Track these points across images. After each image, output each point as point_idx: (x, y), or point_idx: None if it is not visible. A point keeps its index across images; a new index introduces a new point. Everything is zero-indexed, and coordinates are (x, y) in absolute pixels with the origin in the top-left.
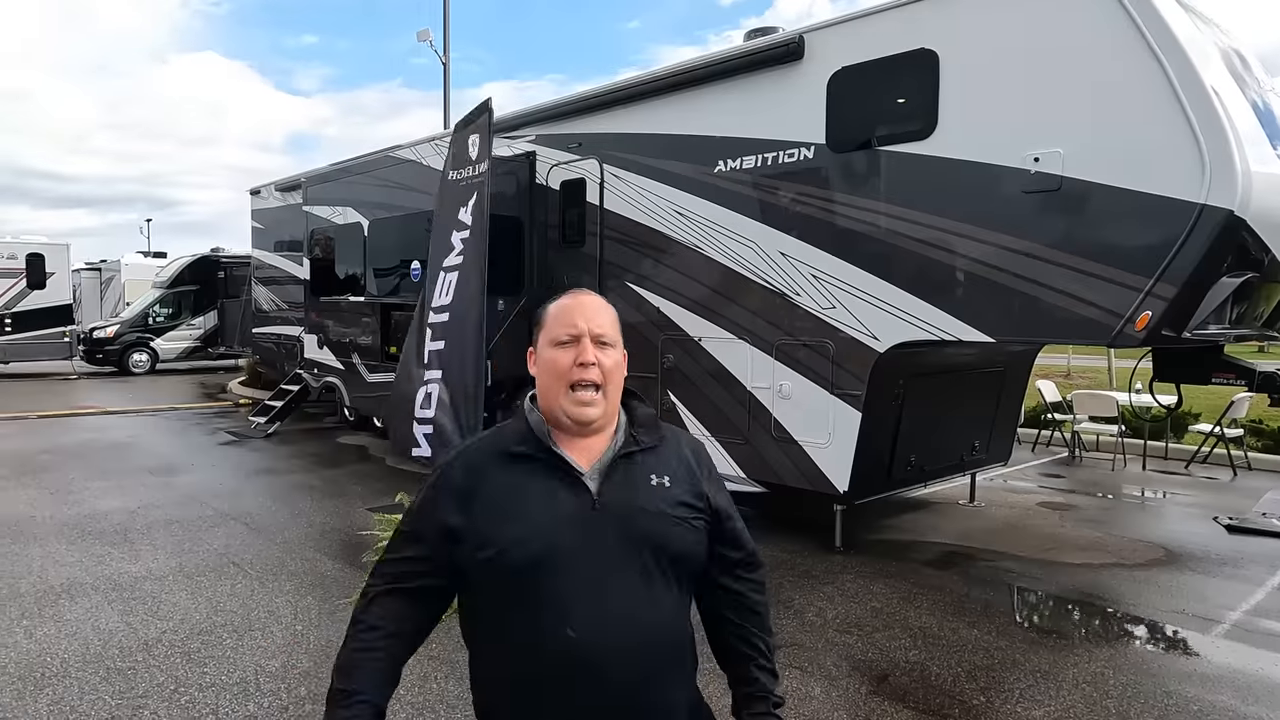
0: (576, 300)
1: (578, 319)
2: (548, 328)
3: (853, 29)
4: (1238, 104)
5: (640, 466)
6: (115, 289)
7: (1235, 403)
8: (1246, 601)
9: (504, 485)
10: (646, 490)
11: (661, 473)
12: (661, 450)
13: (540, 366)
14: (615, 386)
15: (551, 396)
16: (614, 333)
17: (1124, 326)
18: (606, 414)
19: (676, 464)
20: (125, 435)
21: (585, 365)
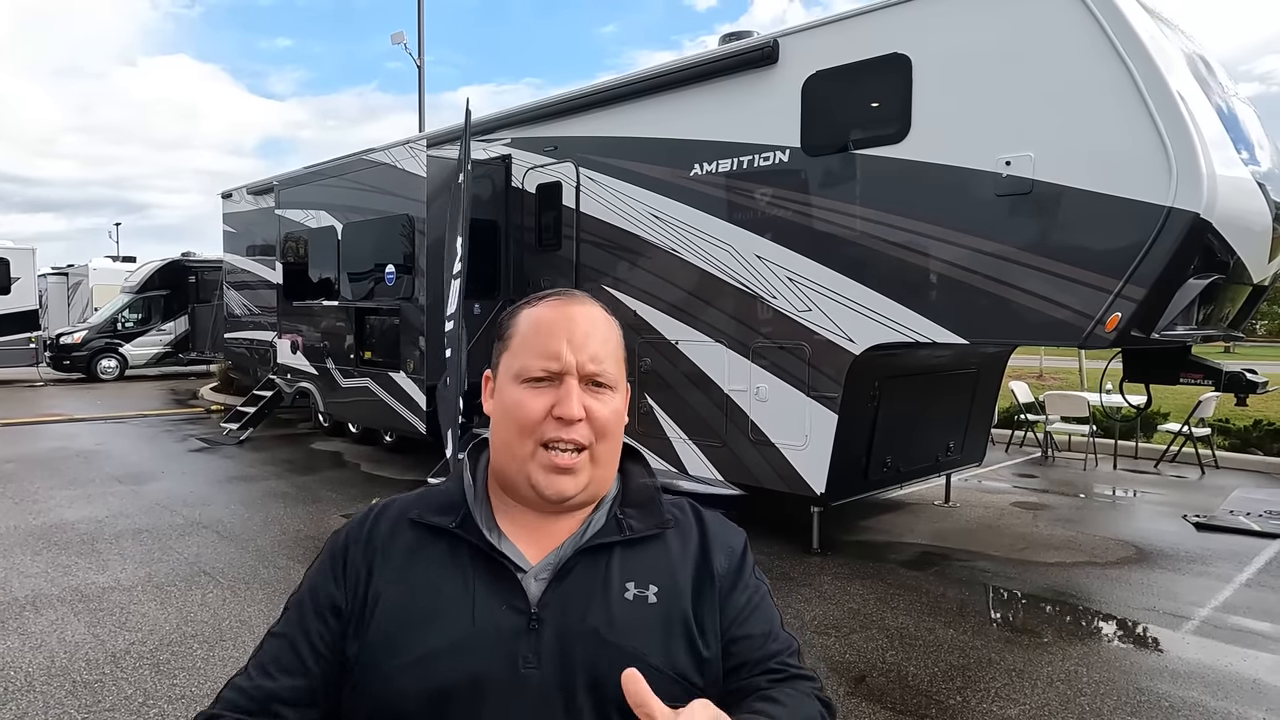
0: (563, 312)
1: (562, 345)
2: (515, 351)
3: (826, 34)
4: (1203, 109)
5: (614, 568)
6: (83, 294)
7: (1203, 402)
8: (1215, 598)
9: (408, 573)
10: (614, 606)
11: (646, 580)
12: (660, 545)
13: (498, 409)
14: (611, 446)
15: (510, 456)
16: (615, 365)
17: (1094, 328)
18: (592, 488)
19: (681, 565)
20: (93, 443)
21: (567, 421)
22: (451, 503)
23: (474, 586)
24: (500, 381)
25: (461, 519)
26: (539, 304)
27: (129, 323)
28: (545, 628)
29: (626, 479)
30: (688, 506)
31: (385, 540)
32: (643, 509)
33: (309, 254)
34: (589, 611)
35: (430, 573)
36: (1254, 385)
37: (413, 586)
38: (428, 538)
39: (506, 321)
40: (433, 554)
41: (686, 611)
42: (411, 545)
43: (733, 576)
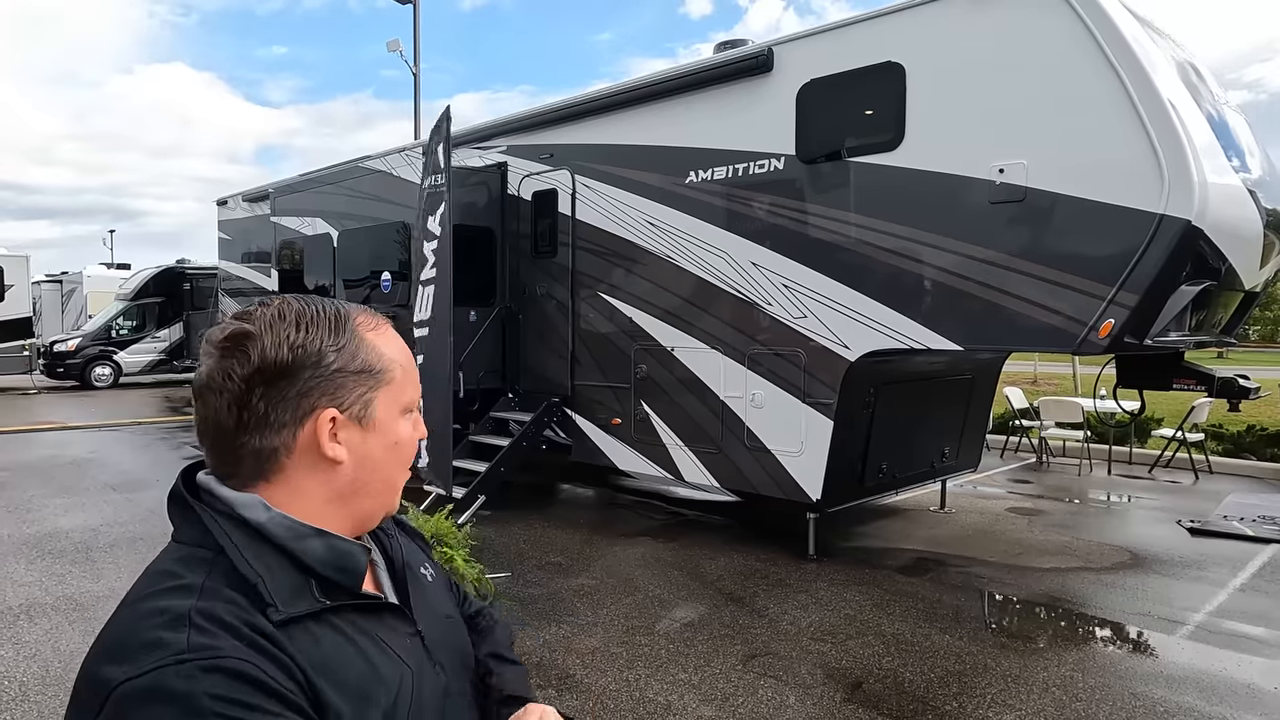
0: (399, 338)
1: (413, 369)
2: (400, 384)
3: (821, 42)
4: (1193, 116)
5: (409, 564)
6: (77, 301)
7: (1196, 408)
8: (1209, 603)
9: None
10: (432, 590)
11: (419, 563)
12: (400, 535)
13: (387, 448)
14: None
15: (391, 493)
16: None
17: (1088, 334)
18: None
19: (416, 548)
20: (87, 451)
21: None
22: (295, 583)
23: (381, 637)
24: (384, 419)
25: (319, 590)
26: (380, 326)
27: (123, 330)
28: (426, 634)
29: None
30: None
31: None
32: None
33: (305, 261)
34: (434, 602)
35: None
36: (1246, 391)
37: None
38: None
39: (367, 355)
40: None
41: (442, 574)
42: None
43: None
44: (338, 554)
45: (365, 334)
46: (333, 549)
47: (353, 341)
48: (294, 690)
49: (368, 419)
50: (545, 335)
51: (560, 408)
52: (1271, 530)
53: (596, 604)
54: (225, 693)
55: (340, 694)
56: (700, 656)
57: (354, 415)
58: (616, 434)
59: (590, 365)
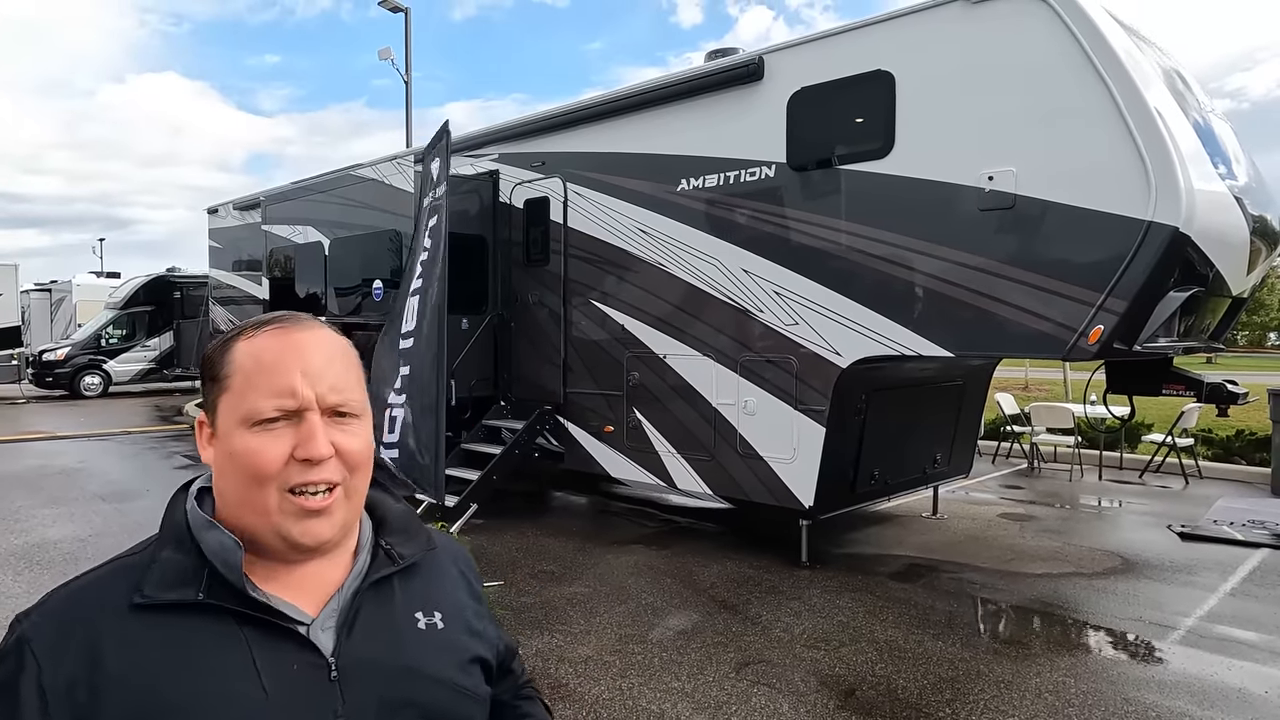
0: (290, 340)
1: (295, 378)
2: (238, 392)
3: (811, 50)
4: (1180, 124)
5: (399, 600)
6: (66, 310)
7: (1185, 413)
8: (1200, 607)
9: (150, 663)
10: (412, 637)
11: (429, 608)
12: (424, 570)
13: (224, 461)
14: (366, 479)
15: (249, 510)
16: (359, 389)
17: (1077, 340)
18: (348, 524)
19: (448, 588)
20: (76, 461)
21: (314, 462)
22: (185, 569)
23: (252, 654)
24: (223, 429)
25: (207, 584)
26: (257, 334)
27: (113, 339)
28: (349, 674)
29: (380, 506)
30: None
31: (96, 637)
32: (406, 534)
33: (296, 269)
34: (395, 648)
35: (192, 660)
36: (1234, 396)
37: (172, 689)
38: (163, 621)
39: (217, 359)
40: (181, 636)
41: (472, 628)
42: (141, 637)
43: (479, 587)
44: (221, 546)
45: (237, 340)
46: (219, 541)
47: (223, 347)
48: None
49: (216, 426)
50: (537, 343)
51: (553, 415)
52: (1261, 534)
53: (589, 612)
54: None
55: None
56: (693, 664)
57: (211, 422)
58: (609, 441)
59: (582, 373)
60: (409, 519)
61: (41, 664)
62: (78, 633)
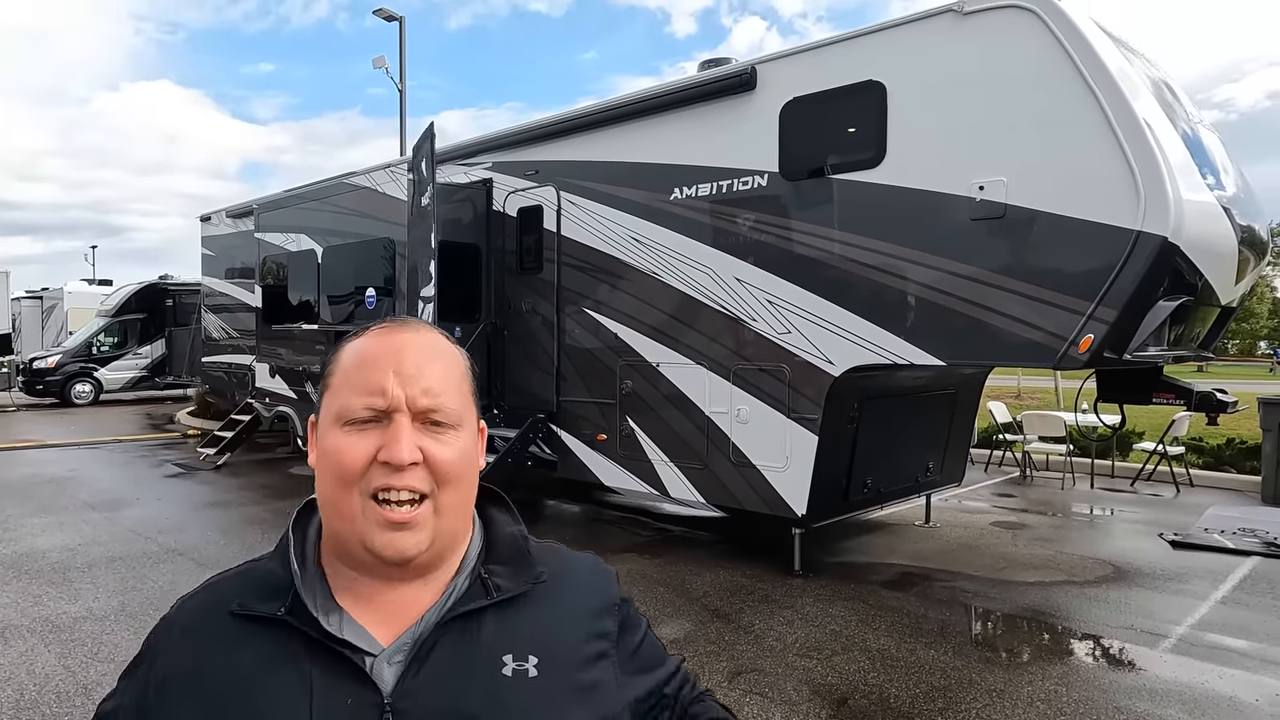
0: (389, 341)
1: (386, 377)
2: (335, 389)
3: (803, 61)
4: (1168, 135)
5: (486, 639)
6: (58, 318)
7: (1176, 421)
8: (1191, 616)
9: (226, 670)
10: (491, 684)
11: (524, 651)
12: (533, 605)
13: (319, 459)
14: (460, 494)
15: (337, 514)
16: (459, 399)
17: (1068, 349)
18: (440, 542)
19: (560, 629)
20: (66, 469)
21: (396, 467)
22: (277, 583)
23: (310, 684)
24: (321, 427)
25: (291, 603)
26: (364, 334)
27: (104, 346)
28: (406, 718)
29: (491, 529)
30: (559, 551)
31: (198, 646)
32: (511, 564)
33: (288, 277)
34: (461, 694)
35: (256, 676)
36: (1224, 405)
37: (236, 697)
38: (253, 630)
39: (329, 358)
40: (260, 650)
41: (575, 679)
42: (231, 643)
43: (620, 625)
44: (272, 572)
45: (348, 340)
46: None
47: (336, 346)
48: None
49: (318, 425)
50: (530, 351)
51: (545, 424)
52: (1251, 542)
53: None
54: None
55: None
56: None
57: (317, 421)
58: (602, 450)
59: (576, 381)
60: (518, 546)
61: (162, 647)
62: (192, 628)
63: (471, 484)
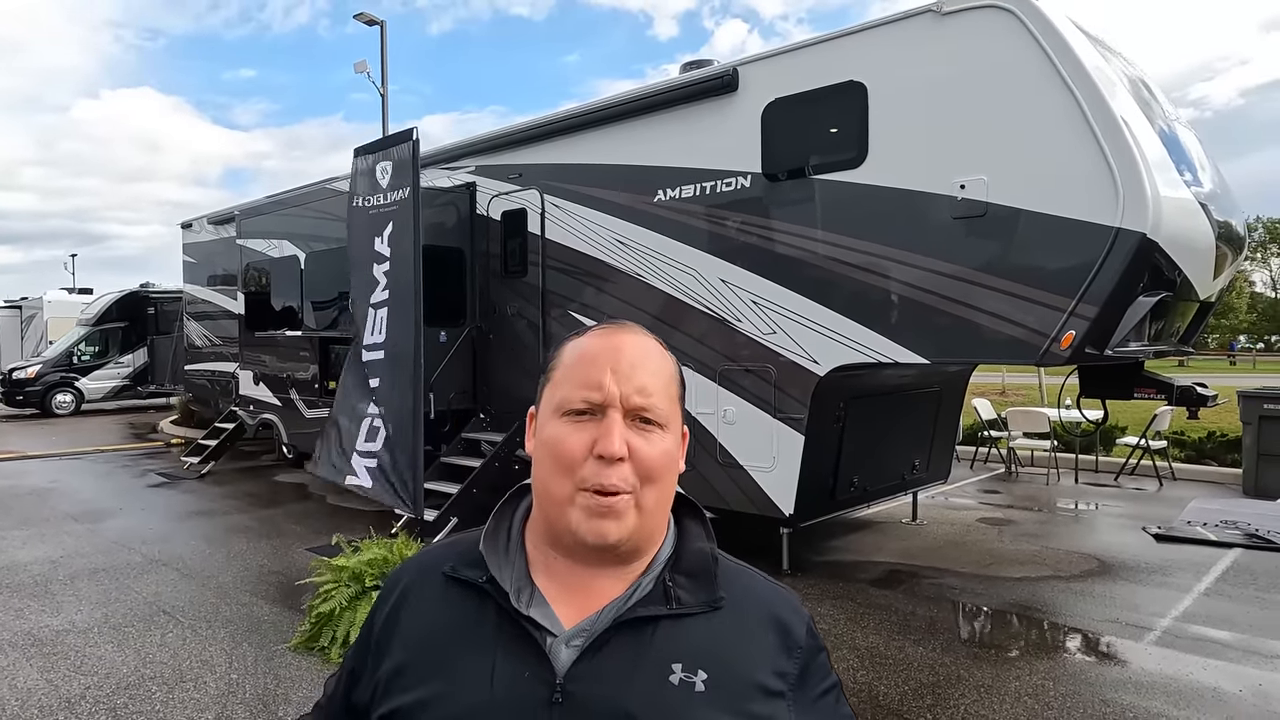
0: (609, 341)
1: (605, 375)
2: (557, 383)
3: (784, 62)
4: (1146, 132)
5: (659, 645)
6: (37, 327)
7: (1158, 415)
8: (1175, 608)
9: (431, 623)
10: (655, 688)
11: (695, 664)
12: (711, 624)
13: (537, 446)
14: (660, 493)
15: (550, 498)
16: (667, 401)
17: (1050, 345)
18: (639, 535)
19: (735, 654)
20: (47, 481)
21: (608, 459)
22: (475, 553)
23: (496, 650)
24: (542, 417)
25: (489, 574)
26: (586, 334)
27: (85, 356)
28: (572, 702)
29: (683, 539)
30: (750, 577)
31: (415, 597)
32: (695, 579)
33: (271, 284)
34: (626, 691)
35: (455, 632)
36: (1204, 399)
37: (436, 649)
38: (460, 592)
39: (553, 353)
40: (462, 610)
41: (743, 706)
42: (440, 600)
43: (802, 670)
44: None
45: (572, 338)
46: (491, 537)
47: (560, 343)
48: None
49: (539, 415)
50: (517, 355)
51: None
52: (1233, 534)
53: None
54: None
55: (415, 649)
56: None
57: (537, 411)
58: None
59: None
60: (703, 563)
61: (385, 595)
62: (408, 584)
63: (671, 484)
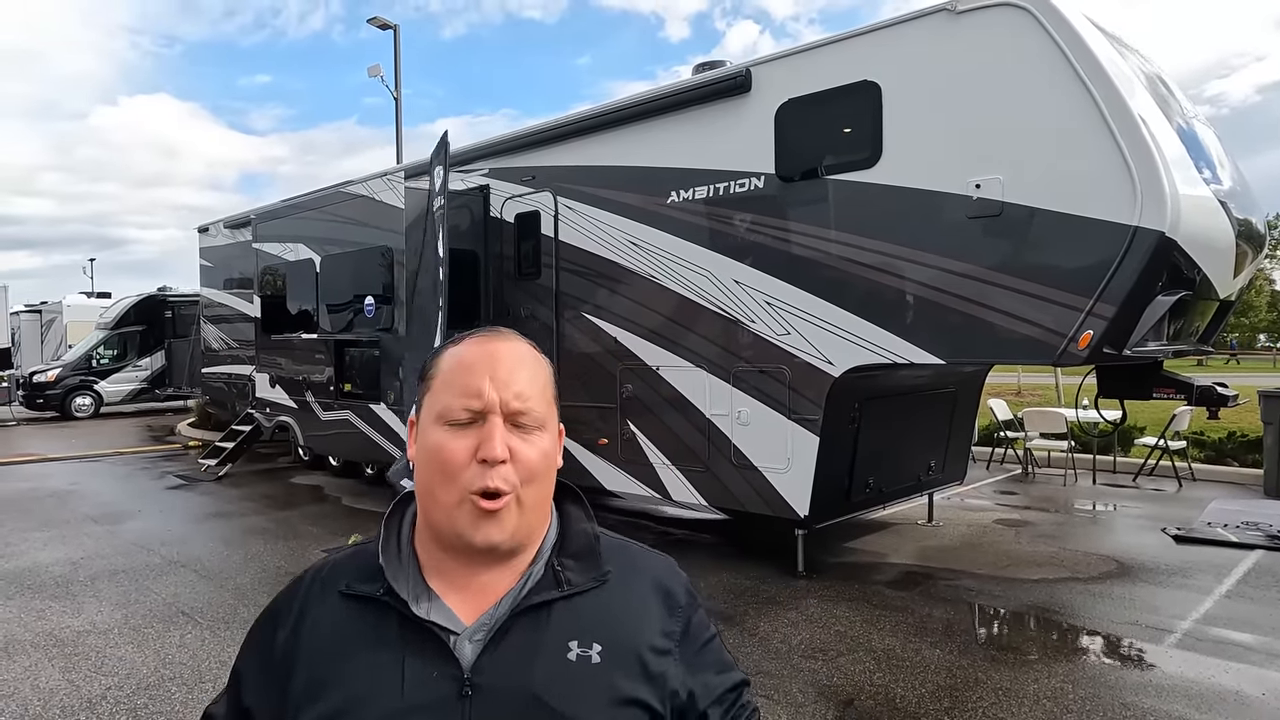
0: (485, 349)
1: (484, 382)
2: (436, 391)
3: (797, 62)
4: (1164, 130)
5: (555, 626)
6: (57, 331)
7: (1177, 416)
8: (1196, 610)
9: (332, 641)
10: (556, 667)
11: (589, 639)
12: (600, 598)
13: (420, 454)
14: (540, 490)
15: (434, 503)
16: (543, 404)
17: (1067, 345)
18: (521, 533)
19: (625, 622)
20: (67, 483)
21: (490, 463)
22: (377, 567)
23: (403, 655)
24: (422, 424)
25: (386, 585)
26: (462, 342)
27: (104, 359)
28: (482, 694)
29: (565, 524)
30: (631, 550)
31: (312, 615)
32: (581, 559)
33: (287, 287)
34: (528, 675)
35: (359, 643)
36: (1224, 399)
37: (341, 663)
38: (357, 608)
39: (429, 361)
40: (363, 625)
41: (634, 670)
42: (339, 615)
43: (683, 625)
44: (374, 556)
45: (448, 346)
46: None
47: (437, 352)
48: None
49: (419, 423)
50: None
51: None
52: (1255, 536)
53: None
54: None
55: (320, 669)
56: None
57: (417, 419)
58: (603, 454)
59: (575, 385)
60: (586, 544)
61: (282, 616)
62: (303, 604)
63: (550, 481)
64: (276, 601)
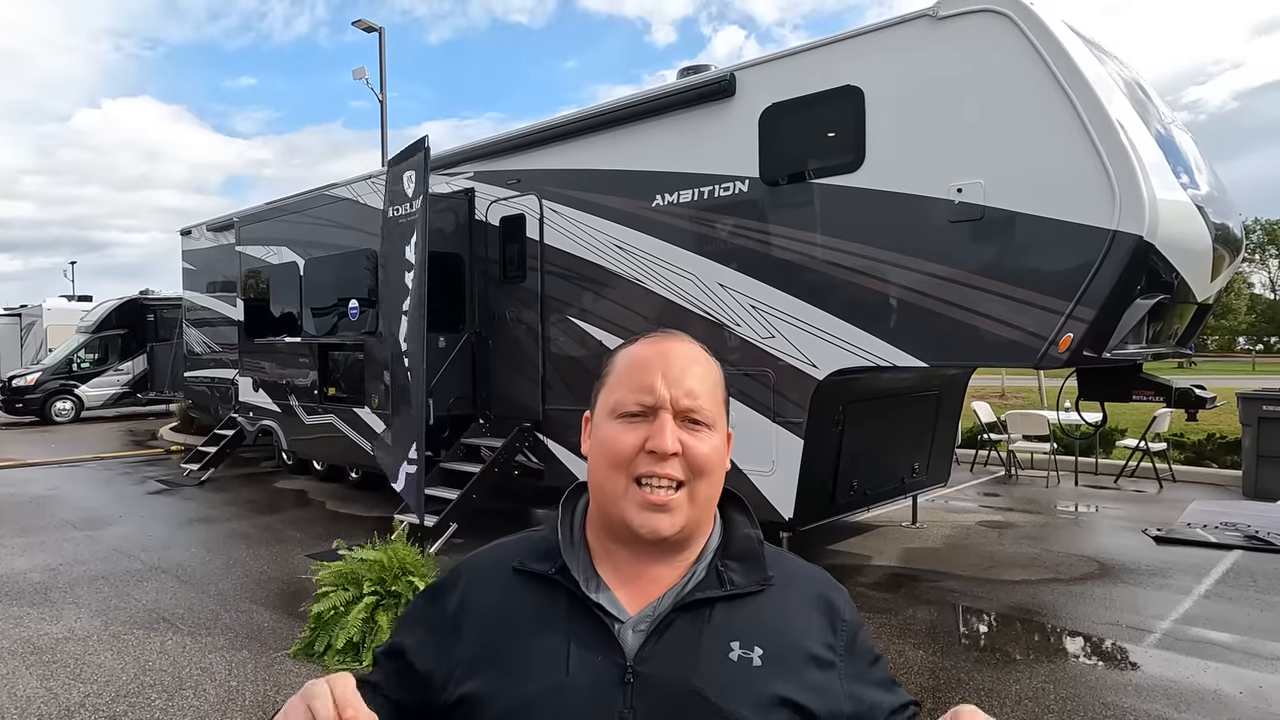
0: (659, 348)
1: (656, 378)
2: (611, 387)
3: (781, 67)
4: (1142, 135)
5: (716, 625)
6: (37, 335)
7: (1157, 418)
8: (1176, 610)
9: (503, 612)
10: (717, 665)
11: (751, 641)
12: (762, 602)
13: (593, 446)
14: (709, 486)
15: (605, 494)
16: (713, 403)
17: (1048, 348)
18: (689, 526)
19: (786, 628)
20: (46, 488)
21: (660, 455)
22: (550, 548)
23: (569, 636)
24: (596, 419)
25: (560, 565)
26: (637, 342)
27: (85, 363)
28: (643, 682)
29: (729, 528)
30: (790, 559)
31: (481, 587)
32: (745, 562)
33: (270, 290)
34: (691, 669)
35: (527, 618)
36: (1203, 400)
37: (511, 635)
38: (528, 584)
39: (606, 360)
40: (531, 601)
41: (795, 676)
42: (508, 591)
43: (848, 640)
44: (546, 540)
45: (624, 346)
46: (547, 537)
47: (613, 351)
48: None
49: (594, 417)
50: (515, 360)
51: (532, 432)
52: (1233, 536)
53: None
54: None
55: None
56: None
57: (592, 414)
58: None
59: (561, 389)
60: (750, 548)
61: (448, 588)
62: (473, 576)
63: (719, 479)
64: (441, 580)
